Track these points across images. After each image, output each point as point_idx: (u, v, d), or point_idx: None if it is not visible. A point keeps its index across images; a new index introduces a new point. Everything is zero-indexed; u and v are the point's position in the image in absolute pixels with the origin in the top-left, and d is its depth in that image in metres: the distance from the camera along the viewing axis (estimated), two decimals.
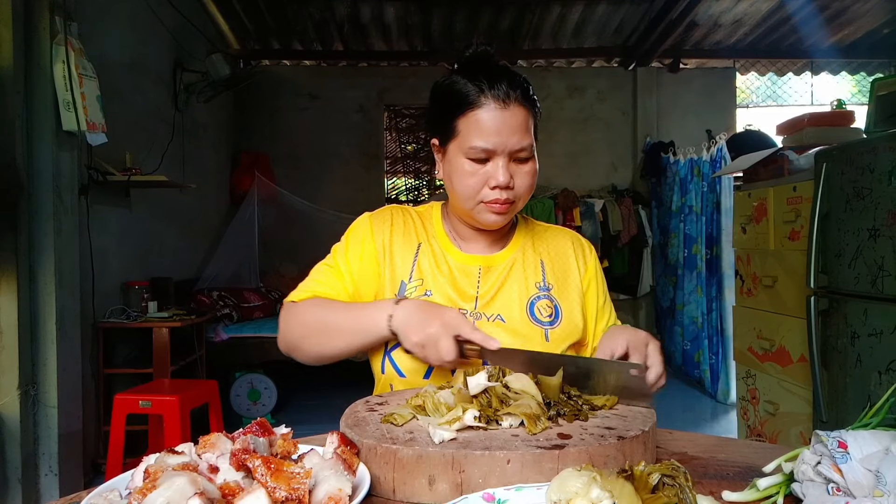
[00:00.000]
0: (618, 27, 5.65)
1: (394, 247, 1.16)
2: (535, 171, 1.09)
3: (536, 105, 1.09)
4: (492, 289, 1.13)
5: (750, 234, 2.85)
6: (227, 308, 4.49)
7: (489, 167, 1.04)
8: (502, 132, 1.02)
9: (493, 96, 1.02)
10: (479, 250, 1.17)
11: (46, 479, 2.80)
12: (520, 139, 1.03)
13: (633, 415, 0.82)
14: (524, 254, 1.18)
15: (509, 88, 1.03)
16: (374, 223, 1.18)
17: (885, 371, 1.90)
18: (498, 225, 1.11)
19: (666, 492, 0.55)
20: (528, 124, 1.05)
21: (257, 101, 6.12)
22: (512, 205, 1.07)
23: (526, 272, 1.15)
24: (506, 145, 1.03)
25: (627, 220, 6.02)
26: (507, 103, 1.02)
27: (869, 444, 0.60)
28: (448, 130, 1.07)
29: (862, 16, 5.36)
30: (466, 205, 1.09)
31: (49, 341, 2.78)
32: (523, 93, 1.05)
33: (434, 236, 1.19)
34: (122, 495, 0.63)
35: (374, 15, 5.37)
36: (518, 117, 1.03)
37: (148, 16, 4.00)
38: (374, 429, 0.77)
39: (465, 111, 1.04)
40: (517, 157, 1.05)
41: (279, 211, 5.45)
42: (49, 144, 2.79)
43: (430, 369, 1.06)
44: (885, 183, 1.90)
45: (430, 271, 1.14)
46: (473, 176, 1.05)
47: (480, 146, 1.03)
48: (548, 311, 1.13)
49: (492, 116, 1.02)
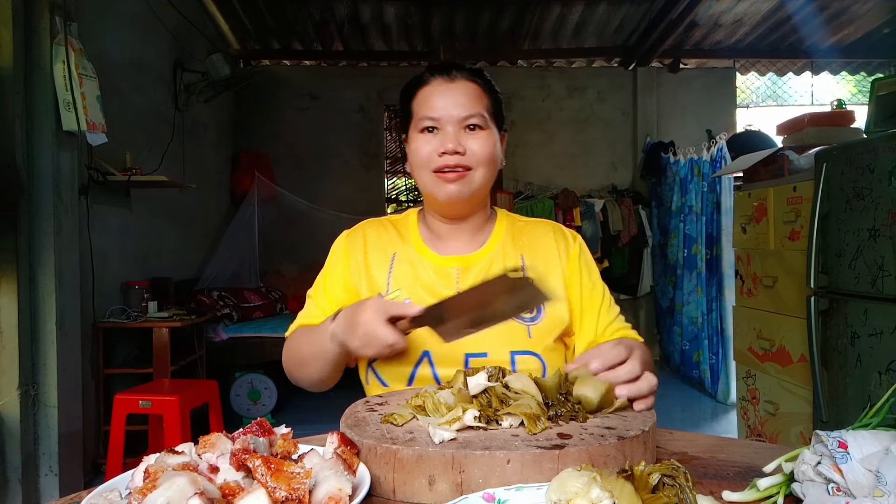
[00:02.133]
0: (618, 27, 5.65)
1: (369, 261, 1.16)
2: (492, 143, 1.09)
3: (493, 88, 1.14)
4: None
5: (750, 234, 2.85)
6: (227, 308, 4.49)
7: (438, 136, 1.08)
8: (447, 102, 1.08)
9: (440, 73, 1.11)
10: (457, 250, 1.16)
11: (46, 479, 2.80)
12: (467, 107, 1.07)
13: (633, 415, 0.82)
14: (503, 251, 1.16)
15: (457, 70, 1.11)
16: (349, 242, 1.20)
17: (885, 371, 1.90)
18: (457, 197, 1.09)
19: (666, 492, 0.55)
20: (477, 96, 1.10)
21: (257, 101, 6.12)
22: (468, 173, 1.08)
23: (507, 269, 1.14)
24: (451, 113, 1.07)
25: (627, 220, 6.02)
26: (453, 78, 1.10)
27: (869, 444, 0.60)
28: (407, 116, 1.14)
29: (862, 16, 5.36)
30: (422, 177, 1.11)
31: (49, 341, 2.78)
32: (473, 71, 1.12)
33: (409, 243, 1.18)
34: (122, 495, 0.63)
35: (374, 15, 5.37)
36: (465, 89, 1.09)
37: (148, 16, 4.00)
38: (374, 429, 0.77)
39: (416, 92, 1.12)
40: (467, 124, 1.08)
41: (279, 211, 5.45)
42: (49, 144, 2.79)
43: (411, 377, 1.06)
44: (885, 183, 1.90)
45: (407, 279, 1.13)
46: (425, 146, 1.08)
47: (427, 115, 1.08)
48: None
49: (438, 89, 1.09)
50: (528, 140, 6.38)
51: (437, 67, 1.12)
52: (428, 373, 1.05)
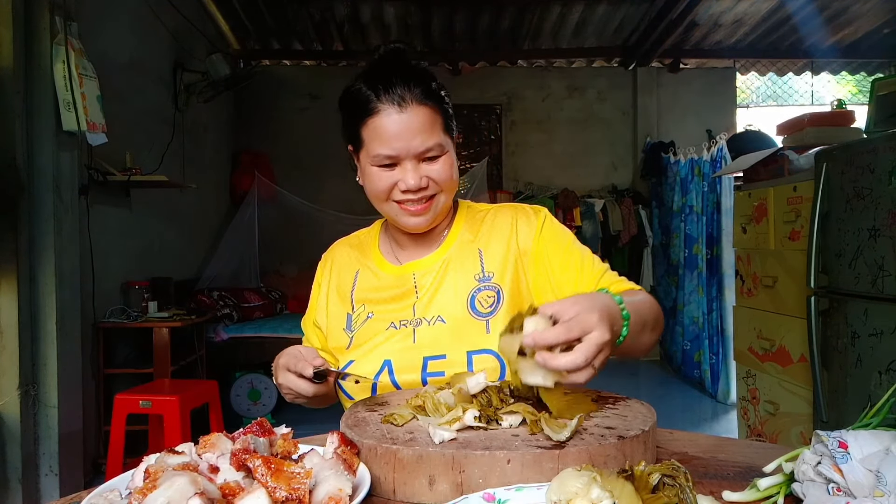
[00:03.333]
0: (618, 27, 5.65)
1: (338, 283, 1.18)
2: (451, 164, 1.05)
3: (444, 101, 1.06)
4: (428, 292, 1.10)
5: (750, 234, 2.85)
6: (228, 308, 4.49)
7: (397, 172, 1.03)
8: (402, 136, 1.00)
9: (389, 101, 1.00)
10: (416, 255, 1.15)
11: (46, 479, 2.80)
12: (423, 140, 1.00)
13: (633, 414, 0.82)
14: (459, 248, 1.13)
15: (405, 90, 1.00)
16: (322, 267, 1.23)
17: (885, 371, 1.90)
18: (422, 227, 1.08)
19: (666, 492, 0.55)
20: (431, 122, 1.02)
21: (257, 101, 6.13)
22: (432, 200, 1.05)
23: (463, 266, 1.11)
24: (408, 149, 1.00)
25: (627, 220, 6.03)
26: (404, 106, 0.99)
27: (869, 444, 0.60)
28: (356, 139, 1.06)
29: (862, 16, 5.36)
30: (382, 208, 1.08)
31: (49, 341, 2.79)
32: (424, 91, 1.01)
33: (370, 258, 1.18)
34: (122, 495, 0.63)
35: (374, 15, 5.37)
36: (419, 117, 1.00)
37: (148, 16, 4.00)
38: (374, 429, 0.77)
39: (365, 119, 1.02)
40: (426, 157, 1.02)
41: (279, 211, 5.45)
42: (49, 144, 2.79)
43: (374, 387, 1.05)
44: (885, 183, 1.90)
45: (369, 294, 1.14)
46: (384, 179, 1.03)
47: (384, 153, 1.01)
48: (489, 300, 1.07)
49: (390, 122, 1.00)
50: (528, 140, 6.38)
51: (382, 87, 1.00)
52: (388, 381, 1.04)
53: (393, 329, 1.08)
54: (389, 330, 1.08)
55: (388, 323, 1.09)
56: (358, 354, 1.08)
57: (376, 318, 1.10)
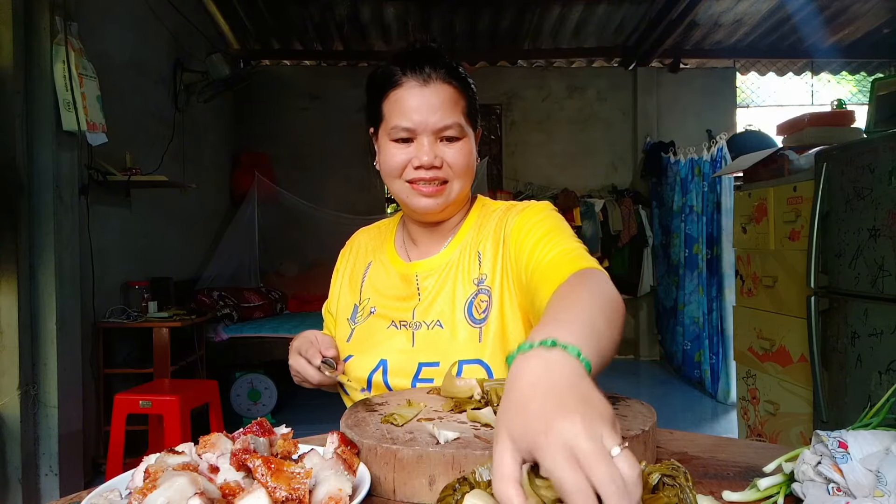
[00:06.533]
0: (618, 27, 5.65)
1: (352, 271, 1.20)
2: (468, 151, 1.04)
3: (469, 86, 1.05)
4: (430, 295, 1.08)
5: (750, 234, 2.85)
6: (228, 308, 4.49)
7: (413, 148, 1.01)
8: (422, 110, 0.99)
9: (413, 76, 1.00)
10: (424, 253, 1.13)
11: (46, 479, 2.80)
12: (443, 116, 1.00)
13: (633, 414, 0.82)
14: (463, 251, 1.10)
15: (431, 68, 1.00)
16: (343, 254, 1.25)
17: (885, 371, 1.90)
18: (433, 210, 1.05)
19: (666, 492, 0.55)
20: (453, 101, 1.01)
21: (257, 101, 6.12)
22: (445, 186, 1.03)
23: (465, 269, 1.08)
24: (426, 123, 0.99)
25: (627, 220, 6.03)
26: (428, 81, 1.00)
27: (869, 444, 0.60)
28: (377, 116, 1.06)
29: (862, 16, 5.36)
30: (394, 187, 1.06)
31: (49, 341, 2.79)
32: (449, 71, 1.02)
33: (384, 251, 1.18)
34: (122, 495, 0.63)
35: (374, 15, 5.37)
36: (440, 94, 1.00)
37: (148, 16, 4.00)
38: (374, 429, 0.77)
39: (388, 93, 1.02)
40: (444, 135, 1.01)
41: (279, 211, 5.46)
42: (49, 144, 2.79)
43: (368, 381, 1.06)
44: (885, 183, 1.90)
45: (375, 288, 1.14)
46: (399, 155, 1.02)
47: (401, 125, 1.00)
48: (483, 305, 1.04)
49: (411, 94, 1.00)
50: (528, 140, 6.38)
51: (408, 62, 1.01)
52: (381, 380, 1.05)
53: (393, 329, 1.08)
54: (390, 329, 1.08)
55: (389, 321, 1.09)
56: (357, 350, 1.09)
57: (378, 313, 1.11)
